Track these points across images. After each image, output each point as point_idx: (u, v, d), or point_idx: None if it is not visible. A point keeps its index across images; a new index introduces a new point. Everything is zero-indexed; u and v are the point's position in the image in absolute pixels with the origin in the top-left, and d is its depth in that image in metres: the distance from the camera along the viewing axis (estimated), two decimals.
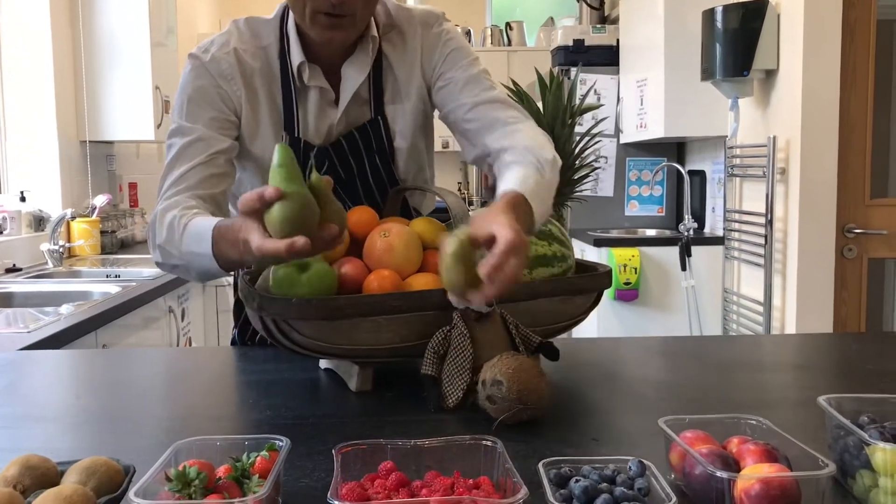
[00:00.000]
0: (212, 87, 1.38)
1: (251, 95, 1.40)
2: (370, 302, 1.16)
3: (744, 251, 3.54)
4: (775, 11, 3.23)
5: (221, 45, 1.40)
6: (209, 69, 1.39)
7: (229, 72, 1.39)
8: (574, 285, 1.29)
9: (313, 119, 1.43)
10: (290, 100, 1.41)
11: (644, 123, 4.08)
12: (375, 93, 1.44)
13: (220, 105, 1.39)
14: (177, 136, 1.37)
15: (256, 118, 1.41)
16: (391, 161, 1.47)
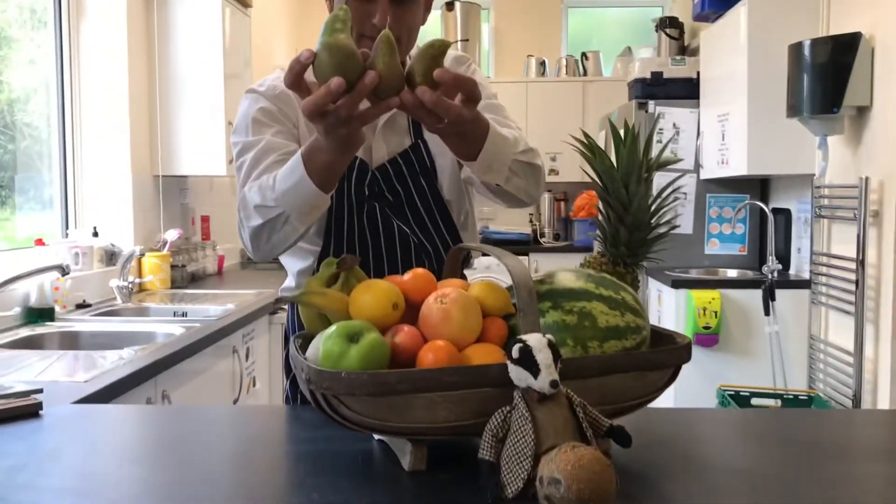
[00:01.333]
0: (272, 108, 1.51)
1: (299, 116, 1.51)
2: (424, 377, 1.07)
3: (832, 297, 3.34)
4: (869, 45, 3.05)
5: (274, 77, 1.55)
6: (266, 95, 1.52)
7: (284, 95, 1.51)
8: (649, 360, 1.17)
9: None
10: None
11: (726, 160, 3.92)
12: (413, 120, 1.53)
13: (283, 120, 1.51)
14: (245, 152, 1.46)
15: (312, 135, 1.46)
16: (435, 180, 1.56)
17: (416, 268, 1.27)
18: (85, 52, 3.36)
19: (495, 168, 1.38)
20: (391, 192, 1.54)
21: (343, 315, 1.20)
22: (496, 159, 1.37)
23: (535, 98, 6.24)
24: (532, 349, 1.05)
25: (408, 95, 1.12)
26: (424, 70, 1.10)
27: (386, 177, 1.54)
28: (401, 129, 1.57)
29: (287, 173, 1.30)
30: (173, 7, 3.58)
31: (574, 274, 1.25)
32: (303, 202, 1.31)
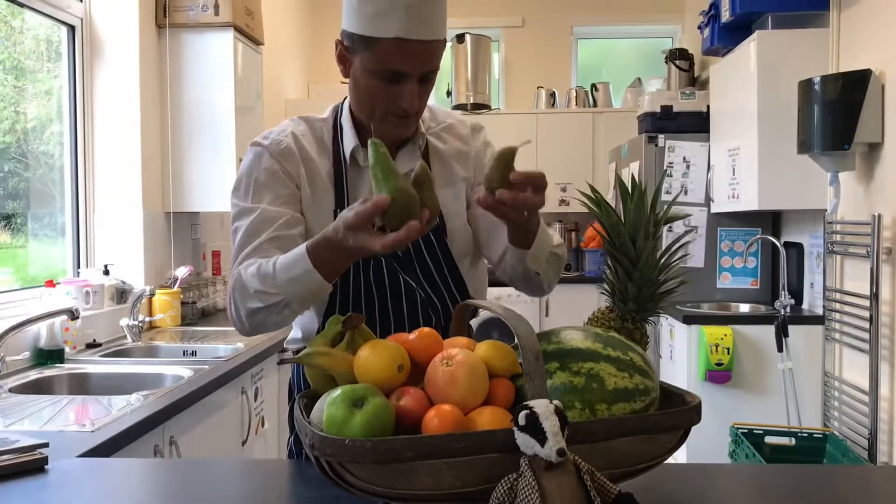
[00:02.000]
0: (275, 167, 1.51)
1: (308, 173, 1.53)
2: (429, 444, 1.06)
3: (846, 333, 3.31)
4: (879, 81, 3.05)
5: (280, 131, 1.56)
6: (270, 150, 1.52)
7: (288, 151, 1.53)
8: (658, 423, 1.16)
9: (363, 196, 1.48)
10: (342, 179, 1.54)
11: (737, 194, 3.91)
12: None
13: (284, 181, 1.51)
14: (241, 218, 1.49)
15: (314, 195, 1.53)
16: (445, 238, 1.57)
17: (423, 326, 1.26)
18: (98, 89, 3.38)
19: (539, 257, 1.46)
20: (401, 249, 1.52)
21: (348, 375, 1.19)
22: (541, 249, 1.45)
23: (546, 129, 6.25)
24: (539, 416, 1.03)
25: (489, 199, 1.24)
26: (501, 176, 1.24)
27: None
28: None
29: (290, 264, 1.34)
30: (186, 45, 3.62)
31: (582, 333, 1.24)
32: (306, 291, 1.36)
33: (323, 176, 1.54)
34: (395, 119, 1.46)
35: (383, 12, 1.38)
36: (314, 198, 1.53)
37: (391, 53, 1.38)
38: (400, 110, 1.43)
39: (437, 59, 1.44)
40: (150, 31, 3.52)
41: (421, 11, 1.38)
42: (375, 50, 1.39)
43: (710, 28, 4.30)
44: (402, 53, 1.38)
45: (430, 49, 1.41)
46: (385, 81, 1.42)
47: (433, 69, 1.44)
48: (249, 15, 3.80)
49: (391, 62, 1.39)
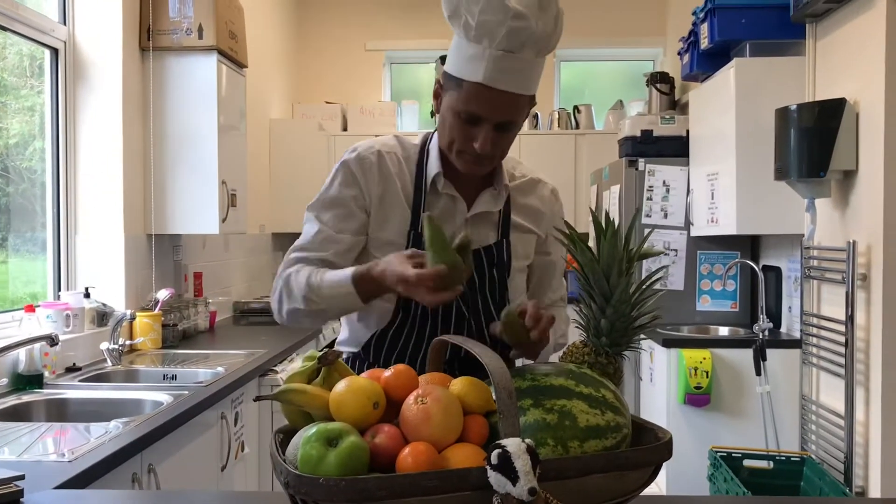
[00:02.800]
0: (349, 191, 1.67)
1: (386, 191, 1.66)
2: (403, 483, 1.07)
3: (823, 358, 3.34)
4: (854, 110, 3.10)
5: (368, 147, 1.70)
6: (352, 165, 1.67)
7: (369, 167, 1.67)
8: (630, 460, 1.18)
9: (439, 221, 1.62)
10: (420, 201, 1.67)
11: (715, 218, 3.95)
12: (503, 221, 1.72)
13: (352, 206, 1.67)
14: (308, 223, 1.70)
15: (386, 212, 1.67)
16: (508, 276, 1.71)
17: (398, 364, 1.27)
18: (81, 111, 3.39)
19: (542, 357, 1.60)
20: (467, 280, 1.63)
21: (324, 411, 1.20)
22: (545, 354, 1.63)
23: (529, 150, 6.28)
24: (511, 455, 1.05)
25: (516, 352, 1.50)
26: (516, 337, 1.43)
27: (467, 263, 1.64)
28: (490, 223, 1.71)
29: (336, 283, 1.56)
30: (169, 68, 3.63)
31: (555, 369, 1.26)
32: (344, 309, 1.62)
33: (401, 196, 1.67)
34: (468, 157, 1.59)
35: (475, 58, 1.50)
36: (385, 215, 1.67)
37: (473, 96, 1.51)
38: (472, 150, 1.56)
39: (516, 112, 1.56)
40: (133, 55, 3.53)
41: (507, 64, 1.49)
42: (462, 91, 1.53)
43: (690, 54, 4.36)
44: (483, 98, 1.51)
45: (510, 100, 1.52)
46: (464, 121, 1.55)
47: (511, 120, 1.56)
48: (234, 38, 3.82)
49: (472, 104, 1.52)
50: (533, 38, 1.49)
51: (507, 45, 1.48)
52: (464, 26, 1.50)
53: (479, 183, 1.70)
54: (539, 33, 1.49)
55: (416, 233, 1.64)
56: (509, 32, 1.47)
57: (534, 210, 1.77)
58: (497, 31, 1.47)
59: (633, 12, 6.56)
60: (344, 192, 1.67)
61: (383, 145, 1.70)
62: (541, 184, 1.81)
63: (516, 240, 1.73)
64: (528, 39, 1.48)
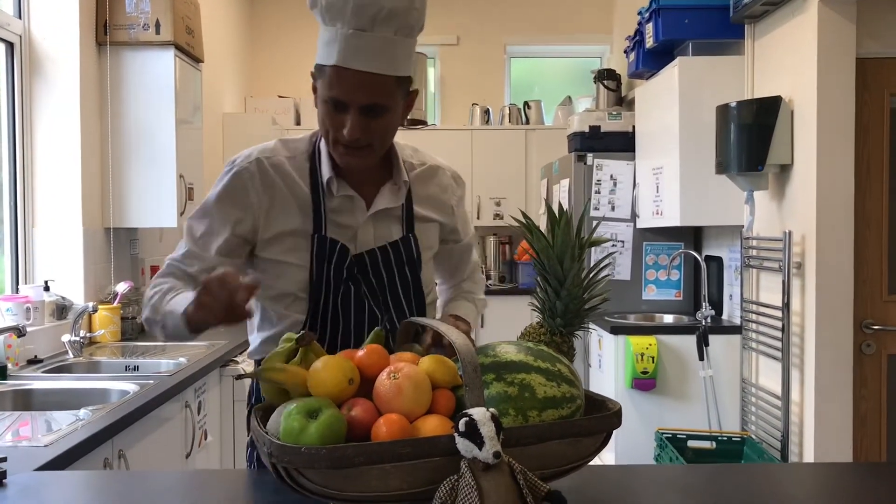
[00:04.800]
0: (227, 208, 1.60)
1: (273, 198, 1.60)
2: (378, 450, 1.17)
3: (761, 343, 3.53)
4: (789, 108, 3.27)
5: (246, 157, 1.63)
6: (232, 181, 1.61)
7: (249, 178, 1.60)
8: (583, 427, 1.29)
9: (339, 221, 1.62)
10: (319, 202, 1.60)
11: (660, 210, 4.11)
12: (407, 216, 1.68)
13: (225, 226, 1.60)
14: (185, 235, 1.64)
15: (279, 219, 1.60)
16: (419, 270, 1.69)
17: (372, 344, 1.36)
18: (37, 106, 3.40)
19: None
20: (375, 276, 1.64)
21: (302, 389, 1.29)
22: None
23: (480, 145, 6.41)
24: (477, 423, 1.16)
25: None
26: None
27: (373, 262, 1.63)
28: (393, 218, 1.67)
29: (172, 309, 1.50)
30: (126, 62, 3.65)
31: (515, 346, 1.37)
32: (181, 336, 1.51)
33: (292, 201, 1.60)
34: (343, 148, 1.53)
35: (331, 42, 1.48)
36: (279, 222, 1.60)
37: (334, 80, 1.47)
38: (343, 138, 1.50)
39: (382, 94, 1.48)
40: (90, 49, 3.54)
41: (360, 42, 1.45)
42: (324, 77, 1.49)
43: (636, 52, 4.51)
44: (342, 81, 1.46)
45: (370, 81, 1.46)
46: (331, 108, 1.50)
47: (378, 103, 1.48)
48: (190, 34, 3.85)
49: (333, 89, 1.48)
50: (383, 14, 1.45)
51: (356, 24, 1.44)
52: (319, 11, 1.49)
53: (377, 178, 1.65)
54: (390, 9, 1.45)
55: (319, 236, 1.59)
56: (355, 9, 1.44)
57: (435, 199, 1.74)
58: (344, 9, 1.44)
59: (581, 9, 6.72)
60: (219, 209, 1.61)
61: (263, 152, 1.64)
62: (440, 170, 1.77)
63: (421, 231, 1.70)
64: (378, 15, 1.44)
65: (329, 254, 1.60)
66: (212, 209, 1.61)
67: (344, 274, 1.61)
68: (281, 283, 1.62)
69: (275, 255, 1.61)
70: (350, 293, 1.62)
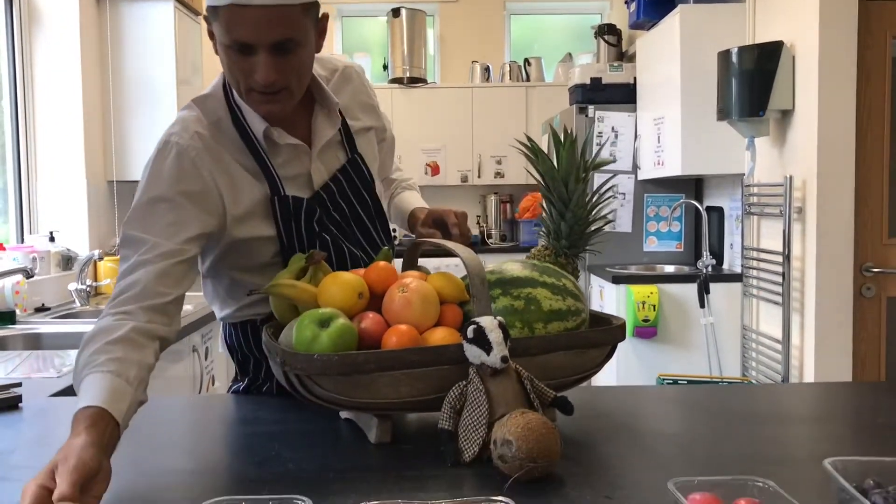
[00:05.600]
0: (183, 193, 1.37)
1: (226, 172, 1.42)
2: (389, 357, 1.20)
3: (762, 289, 3.55)
4: (790, 53, 3.27)
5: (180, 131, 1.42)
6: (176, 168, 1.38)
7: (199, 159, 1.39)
8: (588, 339, 1.32)
9: (289, 173, 1.49)
10: (264, 162, 1.45)
11: (661, 161, 4.12)
12: (346, 136, 1.57)
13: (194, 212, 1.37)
14: (129, 247, 1.33)
15: (238, 192, 1.43)
16: (373, 189, 1.59)
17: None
18: (38, 59, 3.39)
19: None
20: (337, 211, 1.53)
21: (312, 305, 1.31)
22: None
23: (481, 103, 6.39)
24: (485, 329, 1.18)
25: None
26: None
27: (331, 196, 1.52)
28: (334, 147, 1.54)
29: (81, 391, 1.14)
30: (126, 14, 3.64)
31: (521, 264, 1.39)
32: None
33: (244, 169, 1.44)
34: (259, 95, 1.36)
35: None
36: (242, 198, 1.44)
37: (231, 22, 1.28)
38: (257, 85, 1.33)
39: (290, 27, 1.30)
40: (89, 2, 3.53)
41: None
42: (220, 20, 1.29)
43: (637, 2, 4.49)
44: (241, 20, 1.27)
45: (274, 14, 1.27)
46: (237, 53, 1.31)
47: (287, 37, 1.30)
48: None
49: (234, 31, 1.28)
50: None
51: None
52: None
53: (304, 110, 1.50)
54: None
55: (279, 197, 1.44)
56: None
57: (361, 104, 1.62)
58: None
59: None
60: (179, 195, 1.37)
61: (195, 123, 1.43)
62: (346, 69, 1.61)
63: (363, 146, 1.59)
64: None
65: (294, 213, 1.46)
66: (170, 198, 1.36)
67: (315, 228, 1.49)
68: (251, 258, 1.49)
69: (245, 232, 1.44)
70: (327, 243, 1.50)
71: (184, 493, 1.06)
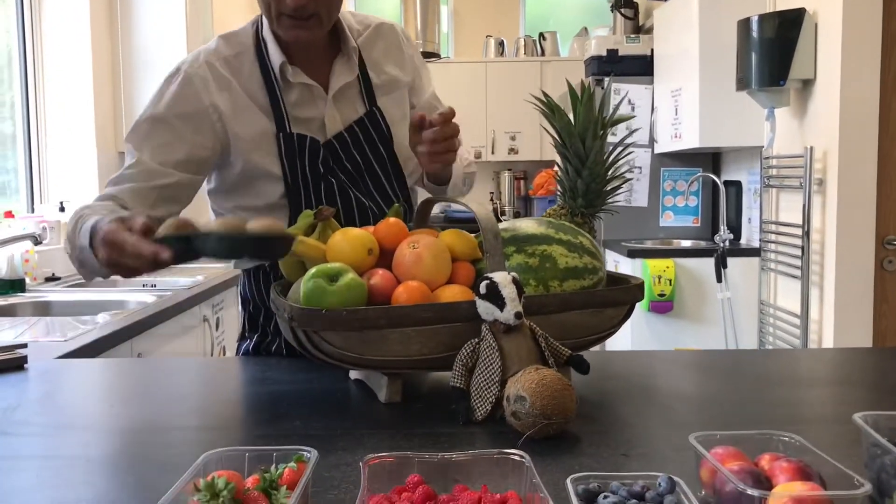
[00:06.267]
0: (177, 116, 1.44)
1: (233, 101, 1.47)
2: (399, 313, 1.16)
3: (780, 262, 3.49)
4: (812, 20, 3.19)
5: (193, 60, 1.49)
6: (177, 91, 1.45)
7: (202, 82, 1.46)
8: (605, 298, 1.27)
9: (302, 115, 1.50)
10: (276, 97, 1.48)
11: (679, 133, 4.05)
12: (366, 88, 1.56)
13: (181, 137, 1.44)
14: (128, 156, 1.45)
15: (241, 122, 1.47)
16: (392, 146, 1.56)
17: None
18: (47, 28, 3.36)
19: (452, 187, 1.57)
20: (349, 161, 1.53)
21: (321, 261, 1.27)
22: (454, 183, 1.57)
23: (495, 78, 6.33)
24: (498, 284, 1.14)
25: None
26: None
27: (344, 146, 1.52)
28: (353, 97, 1.55)
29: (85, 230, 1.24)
30: None
31: (536, 221, 1.35)
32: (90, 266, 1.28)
33: (248, 100, 1.47)
34: (289, 21, 1.40)
35: None
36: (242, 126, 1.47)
37: None
38: (288, 9, 1.38)
39: None
40: None
41: None
42: None
43: None
44: None
45: None
46: None
47: None
48: None
49: None
50: None
51: None
52: None
53: (327, 55, 1.53)
54: None
55: (284, 133, 1.47)
56: None
57: (392, 58, 1.61)
58: None
59: None
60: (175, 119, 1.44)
61: (209, 53, 1.49)
62: (386, 25, 1.63)
63: (387, 103, 1.57)
64: None
65: (299, 151, 1.48)
66: (165, 118, 1.44)
67: (320, 169, 1.50)
68: (257, 197, 1.51)
69: (250, 164, 1.47)
70: (333, 187, 1.51)
71: (190, 448, 1.03)
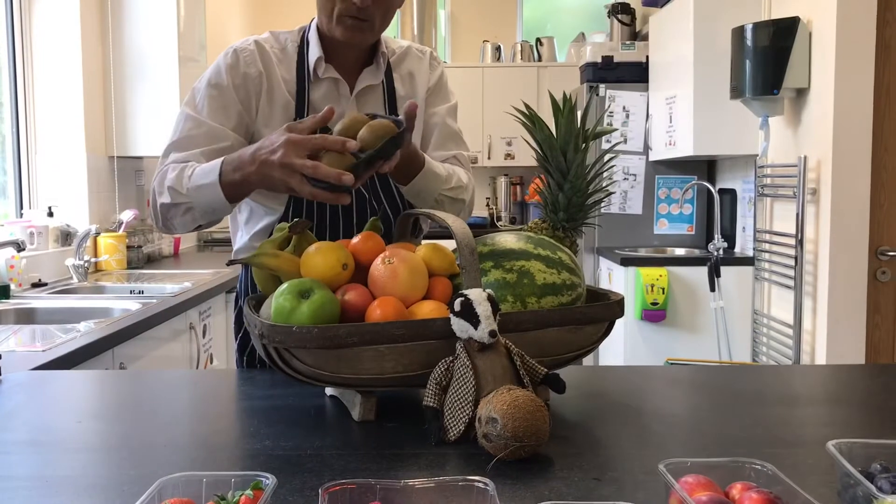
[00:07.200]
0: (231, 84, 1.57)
1: (270, 81, 1.59)
2: (372, 330, 1.14)
3: (774, 272, 3.47)
4: (807, 29, 3.17)
5: (244, 41, 1.64)
6: (230, 59, 1.58)
7: (249, 56, 1.59)
8: (584, 315, 1.25)
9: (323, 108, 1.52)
10: (304, 88, 1.60)
11: (673, 141, 4.03)
12: (389, 97, 1.66)
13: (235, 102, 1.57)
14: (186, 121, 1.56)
15: (271, 104, 1.59)
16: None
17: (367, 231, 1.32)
18: (37, 32, 3.34)
19: (422, 197, 1.56)
20: None
21: (295, 276, 1.25)
22: (425, 191, 1.55)
23: (491, 83, 6.31)
24: (473, 302, 1.12)
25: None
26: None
27: None
28: (375, 101, 1.65)
29: (203, 173, 1.42)
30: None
31: (514, 236, 1.33)
32: (208, 203, 1.43)
33: (283, 87, 1.59)
34: (351, 20, 1.51)
35: None
36: (272, 108, 1.58)
37: None
38: (353, 9, 1.49)
39: None
40: None
41: None
42: None
43: None
44: None
45: None
46: None
47: None
48: None
49: None
50: None
51: None
52: None
53: (359, 63, 1.64)
54: None
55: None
56: None
57: (409, 74, 1.72)
58: None
59: None
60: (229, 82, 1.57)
61: (258, 38, 1.64)
62: (414, 50, 1.75)
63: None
64: None
65: None
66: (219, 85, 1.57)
67: None
68: None
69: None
70: None
71: (151, 469, 1.00)
